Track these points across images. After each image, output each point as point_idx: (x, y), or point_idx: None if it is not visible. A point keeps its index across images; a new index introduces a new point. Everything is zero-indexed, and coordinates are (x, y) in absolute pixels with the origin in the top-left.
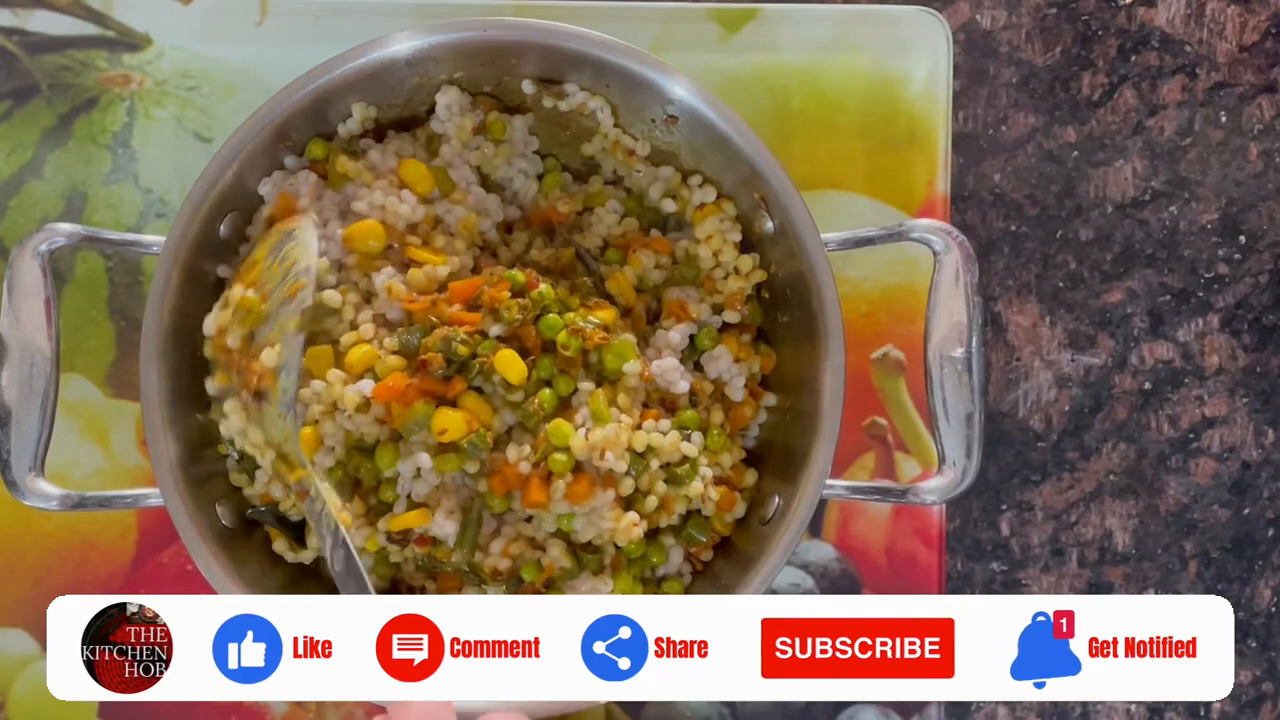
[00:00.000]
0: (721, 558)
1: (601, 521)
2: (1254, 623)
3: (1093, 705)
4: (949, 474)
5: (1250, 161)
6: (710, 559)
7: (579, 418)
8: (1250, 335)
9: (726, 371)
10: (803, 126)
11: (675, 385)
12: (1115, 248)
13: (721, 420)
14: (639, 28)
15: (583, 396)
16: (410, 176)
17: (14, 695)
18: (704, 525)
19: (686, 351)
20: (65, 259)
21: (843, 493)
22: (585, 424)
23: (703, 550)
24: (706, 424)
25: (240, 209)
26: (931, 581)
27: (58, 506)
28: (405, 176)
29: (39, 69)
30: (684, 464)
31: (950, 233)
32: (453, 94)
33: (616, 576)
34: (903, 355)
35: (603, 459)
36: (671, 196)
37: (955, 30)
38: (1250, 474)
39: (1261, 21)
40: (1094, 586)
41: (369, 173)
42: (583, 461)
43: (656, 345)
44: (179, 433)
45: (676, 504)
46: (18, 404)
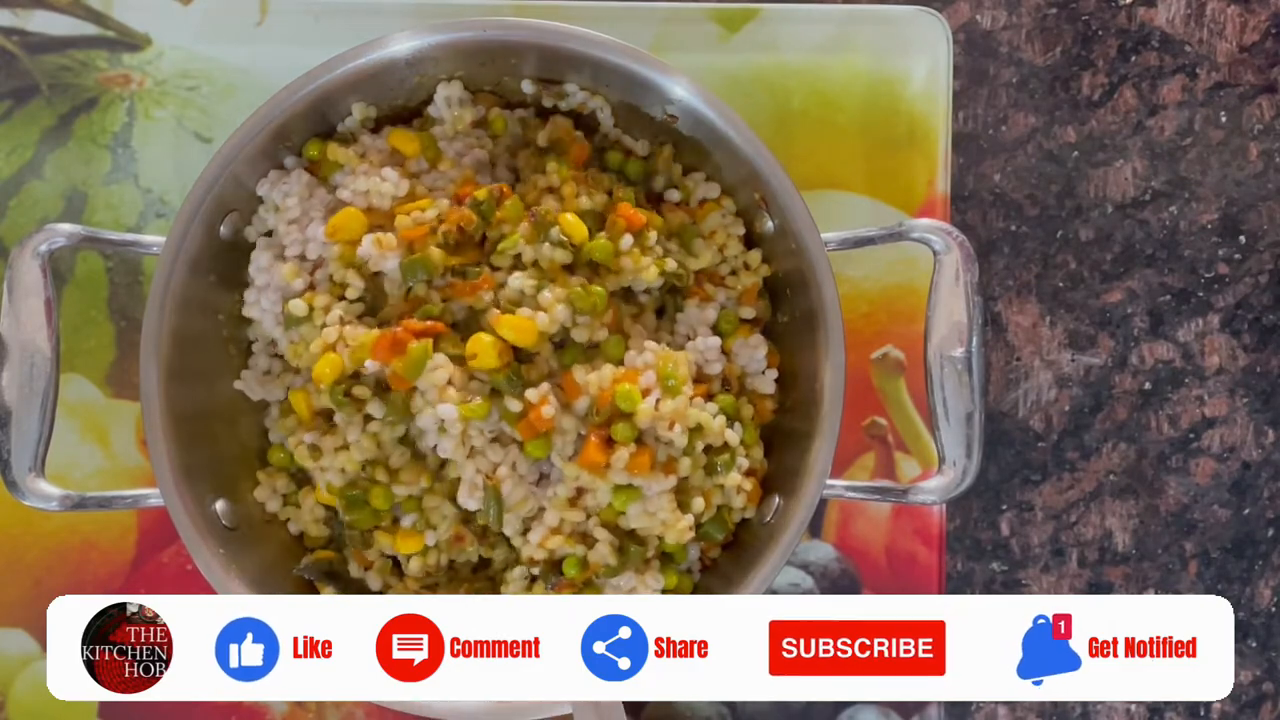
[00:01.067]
0: (723, 556)
1: (659, 513)
2: (1254, 623)
3: (1093, 705)
4: (949, 474)
5: (1250, 161)
6: (717, 556)
7: (643, 381)
8: (1250, 335)
9: (756, 362)
10: (803, 126)
11: (711, 365)
12: (1115, 248)
13: (752, 413)
14: (639, 28)
15: (648, 358)
16: (398, 142)
17: (14, 695)
18: (721, 523)
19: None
20: (65, 259)
21: (843, 493)
22: (655, 393)
23: (713, 547)
24: (739, 413)
25: (240, 209)
26: (931, 581)
27: (58, 507)
28: (393, 144)
29: (39, 69)
30: (724, 451)
31: (950, 233)
32: (454, 88)
33: (665, 572)
34: (903, 355)
35: (670, 430)
36: (675, 187)
37: (955, 30)
38: (1250, 474)
39: (1261, 21)
40: (1094, 586)
41: (358, 158)
42: (644, 431)
43: (688, 323)
44: (179, 433)
45: (714, 496)
46: (18, 404)
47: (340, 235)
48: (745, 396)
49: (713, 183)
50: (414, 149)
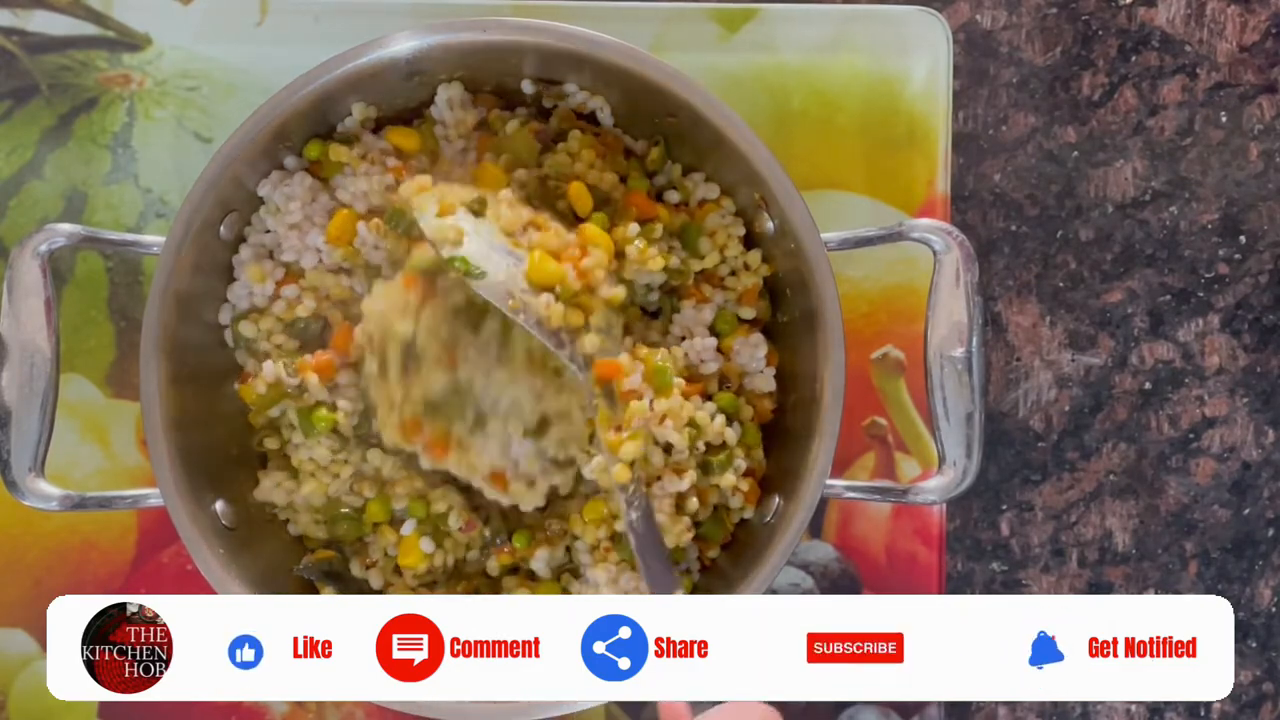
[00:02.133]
0: (723, 556)
1: (659, 514)
2: (1254, 623)
3: (1093, 705)
4: (949, 474)
5: (1250, 161)
6: (716, 556)
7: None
8: (1250, 335)
9: (756, 361)
10: (802, 126)
11: (707, 365)
12: (1115, 248)
13: (751, 413)
14: (639, 28)
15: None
16: (396, 139)
17: (14, 695)
18: (720, 523)
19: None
20: (65, 259)
21: (842, 493)
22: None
23: (712, 547)
24: (739, 412)
25: (240, 209)
26: (931, 581)
27: (58, 507)
28: (392, 140)
29: (39, 69)
30: (722, 449)
31: (950, 233)
32: (455, 89)
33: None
34: (903, 355)
35: (662, 425)
36: (674, 187)
37: (955, 30)
38: (1250, 474)
39: (1261, 21)
40: (1094, 586)
41: (358, 159)
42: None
43: (684, 324)
44: (179, 433)
45: (710, 495)
46: (18, 404)
47: (339, 239)
48: (744, 396)
49: (712, 183)
50: (413, 144)
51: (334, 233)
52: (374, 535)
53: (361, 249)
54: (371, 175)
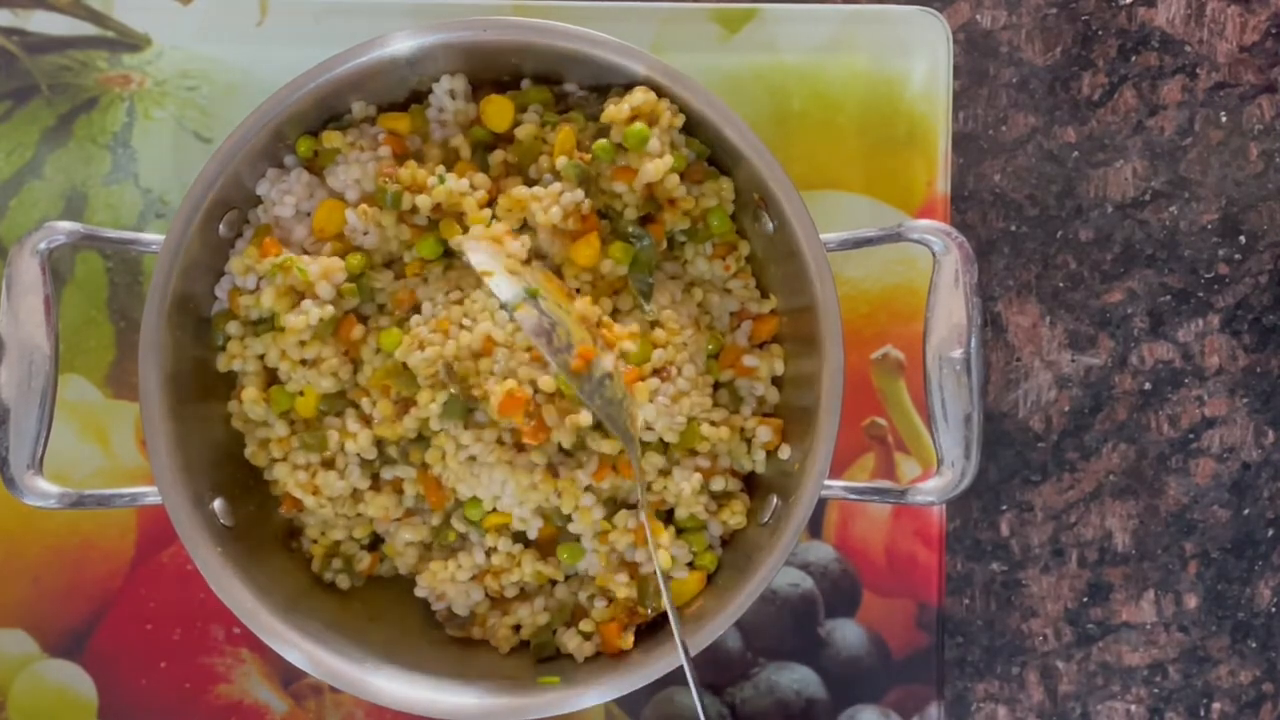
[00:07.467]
0: (723, 557)
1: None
2: (1254, 623)
3: (1093, 705)
4: (947, 475)
5: (1250, 161)
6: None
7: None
8: (1250, 335)
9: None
10: (802, 127)
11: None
12: (1115, 248)
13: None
14: (639, 28)
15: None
16: (388, 123)
17: (14, 695)
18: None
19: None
20: (65, 259)
21: (842, 493)
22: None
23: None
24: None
25: (239, 209)
26: (931, 582)
27: (56, 505)
28: (384, 125)
29: (39, 69)
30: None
31: (950, 233)
32: (459, 81)
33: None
34: (903, 355)
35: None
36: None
37: (955, 30)
38: (1250, 474)
39: (1261, 21)
40: (1094, 586)
41: (351, 146)
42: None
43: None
44: (178, 432)
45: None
46: (16, 402)
47: (328, 232)
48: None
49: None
50: (405, 126)
51: (320, 223)
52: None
53: (352, 237)
54: (364, 161)
